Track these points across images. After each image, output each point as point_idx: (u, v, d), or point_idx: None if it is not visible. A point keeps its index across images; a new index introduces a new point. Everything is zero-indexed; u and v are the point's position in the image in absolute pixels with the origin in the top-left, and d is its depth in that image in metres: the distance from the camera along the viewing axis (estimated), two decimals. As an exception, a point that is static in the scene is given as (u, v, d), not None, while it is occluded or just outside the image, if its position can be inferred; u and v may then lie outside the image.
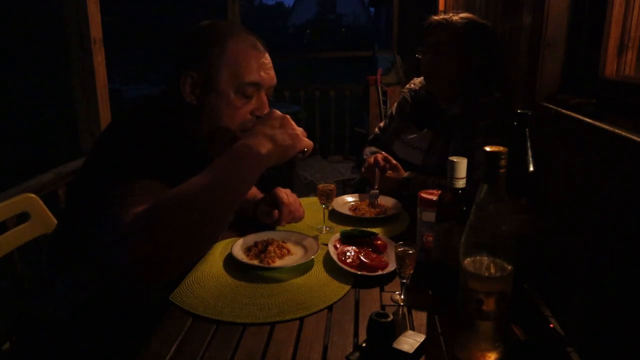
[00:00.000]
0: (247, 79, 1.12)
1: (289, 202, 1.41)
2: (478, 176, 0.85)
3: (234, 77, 1.11)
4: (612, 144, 1.06)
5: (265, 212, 1.44)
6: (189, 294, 1.11)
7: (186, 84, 1.11)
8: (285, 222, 1.42)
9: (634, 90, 1.22)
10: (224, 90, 1.11)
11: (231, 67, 1.10)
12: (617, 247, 1.05)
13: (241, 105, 1.12)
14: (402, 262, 1.06)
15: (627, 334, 1.00)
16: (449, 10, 3.06)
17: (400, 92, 1.99)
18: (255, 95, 1.15)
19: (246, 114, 1.14)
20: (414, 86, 1.90)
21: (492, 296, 0.83)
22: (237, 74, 1.11)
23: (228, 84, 1.11)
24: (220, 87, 1.11)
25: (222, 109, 1.11)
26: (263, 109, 1.15)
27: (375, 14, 25.92)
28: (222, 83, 1.10)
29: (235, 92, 1.12)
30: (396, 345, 0.89)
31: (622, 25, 1.31)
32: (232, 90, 1.11)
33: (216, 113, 1.12)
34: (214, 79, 1.10)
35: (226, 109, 1.11)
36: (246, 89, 1.12)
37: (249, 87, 1.12)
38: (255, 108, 1.15)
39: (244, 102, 1.13)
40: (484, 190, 0.82)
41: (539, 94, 1.53)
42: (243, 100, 1.13)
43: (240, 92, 1.12)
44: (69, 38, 2.30)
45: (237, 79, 1.11)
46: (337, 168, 4.83)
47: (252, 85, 1.13)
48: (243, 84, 1.11)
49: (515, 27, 1.78)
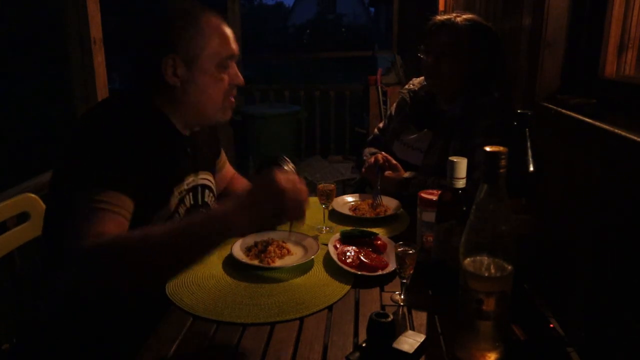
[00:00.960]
0: (226, 53, 1.17)
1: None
2: (478, 176, 0.85)
3: (215, 53, 1.15)
4: (612, 144, 1.06)
5: None
6: (189, 294, 1.11)
7: (168, 67, 1.13)
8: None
9: (634, 90, 1.22)
10: (208, 67, 1.15)
11: (210, 44, 1.15)
12: (617, 247, 1.05)
13: (222, 78, 1.18)
14: (402, 262, 1.06)
15: (627, 334, 1.00)
16: (449, 10, 3.06)
17: (399, 92, 1.98)
18: (231, 66, 1.20)
19: (227, 85, 1.20)
20: (413, 86, 1.90)
21: (492, 296, 0.83)
22: (216, 50, 1.15)
23: (210, 60, 1.15)
24: (203, 64, 1.15)
25: (209, 84, 1.17)
26: (238, 77, 1.21)
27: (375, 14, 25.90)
28: (205, 60, 1.14)
29: (216, 66, 1.16)
30: (396, 345, 0.89)
31: (622, 25, 1.31)
32: (214, 65, 1.16)
33: (203, 90, 1.17)
34: (196, 58, 1.14)
35: (212, 84, 1.17)
36: (226, 62, 1.17)
37: (227, 60, 1.18)
38: (232, 78, 1.21)
39: (224, 75, 1.18)
40: (484, 190, 0.82)
41: (539, 94, 1.53)
42: (223, 73, 1.18)
43: (221, 66, 1.17)
44: (69, 38, 2.30)
45: (217, 54, 1.16)
46: (337, 168, 4.83)
47: (229, 58, 1.18)
48: (223, 58, 1.16)
49: (515, 27, 1.78)
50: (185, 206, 1.23)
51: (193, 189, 1.26)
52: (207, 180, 1.34)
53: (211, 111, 1.20)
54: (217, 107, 1.20)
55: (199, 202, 1.28)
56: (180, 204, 1.21)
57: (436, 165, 1.64)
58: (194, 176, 1.27)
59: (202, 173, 1.31)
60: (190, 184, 1.25)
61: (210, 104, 1.19)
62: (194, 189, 1.27)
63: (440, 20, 1.68)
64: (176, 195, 1.20)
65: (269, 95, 5.42)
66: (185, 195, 1.23)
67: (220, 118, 1.23)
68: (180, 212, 1.21)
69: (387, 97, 4.49)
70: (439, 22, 1.68)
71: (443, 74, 1.67)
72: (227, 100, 1.21)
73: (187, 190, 1.24)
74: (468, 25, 1.63)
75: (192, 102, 1.18)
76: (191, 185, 1.25)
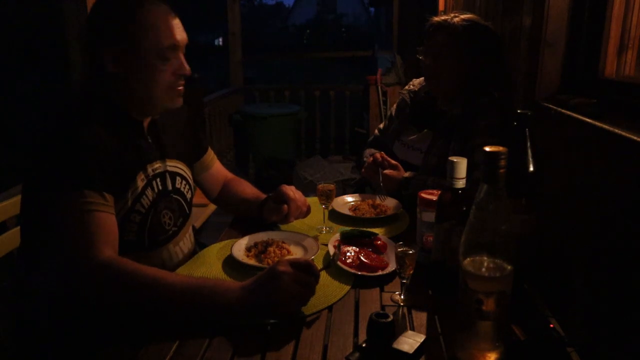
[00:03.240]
0: (167, 43, 1.18)
1: (296, 198, 1.45)
2: (478, 176, 0.85)
3: (153, 44, 1.17)
4: (612, 144, 1.06)
5: (273, 209, 1.45)
6: (189, 294, 1.11)
7: (109, 58, 1.17)
8: (293, 217, 1.45)
9: (634, 90, 1.22)
10: (145, 58, 1.17)
11: (149, 36, 1.16)
12: (617, 247, 1.05)
13: (163, 68, 1.19)
14: (402, 262, 1.06)
15: (627, 334, 1.00)
16: (449, 11, 3.06)
17: (399, 93, 1.98)
18: (174, 56, 1.21)
19: (170, 75, 1.21)
20: (413, 87, 1.90)
21: (492, 296, 0.83)
22: (155, 41, 1.17)
23: (148, 51, 1.17)
24: (142, 55, 1.17)
25: (147, 75, 1.19)
26: (183, 68, 1.22)
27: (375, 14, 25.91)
28: (143, 51, 1.17)
29: (155, 57, 1.18)
30: (396, 346, 0.89)
31: (622, 25, 1.31)
32: (152, 56, 1.17)
33: (142, 80, 1.19)
34: (135, 49, 1.16)
35: (151, 74, 1.18)
36: (165, 52, 1.18)
37: (167, 51, 1.19)
38: (177, 68, 1.22)
39: (165, 65, 1.19)
40: (484, 190, 0.82)
41: (539, 94, 1.53)
42: (164, 63, 1.19)
43: (160, 57, 1.18)
44: (69, 39, 2.30)
45: (156, 45, 1.17)
46: (337, 168, 4.83)
47: (170, 49, 1.19)
48: (162, 49, 1.18)
49: (515, 27, 1.78)
50: (153, 191, 1.24)
51: (161, 175, 1.28)
52: (178, 168, 1.36)
53: (155, 100, 1.22)
54: (160, 96, 1.21)
55: (168, 187, 1.30)
56: (147, 188, 1.23)
57: (436, 165, 1.64)
58: (160, 162, 1.29)
59: (172, 161, 1.33)
60: (157, 169, 1.27)
61: (154, 93, 1.20)
62: (162, 175, 1.29)
63: (438, 22, 1.67)
64: (140, 180, 1.21)
65: (269, 95, 5.43)
66: (152, 180, 1.25)
67: (168, 106, 1.25)
68: (147, 195, 1.22)
69: (387, 97, 4.49)
70: (436, 24, 1.67)
71: (442, 74, 1.67)
72: (173, 90, 1.23)
73: (154, 175, 1.26)
74: (465, 25, 1.63)
75: (136, 92, 1.20)
76: (158, 172, 1.27)
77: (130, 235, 1.19)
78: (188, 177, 1.40)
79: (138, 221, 1.20)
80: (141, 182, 1.21)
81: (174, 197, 1.31)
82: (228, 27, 5.37)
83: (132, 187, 1.19)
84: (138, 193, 1.20)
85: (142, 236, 1.22)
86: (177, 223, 1.32)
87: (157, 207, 1.24)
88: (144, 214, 1.21)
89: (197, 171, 1.51)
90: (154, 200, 1.24)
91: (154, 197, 1.24)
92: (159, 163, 1.28)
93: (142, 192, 1.21)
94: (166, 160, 1.31)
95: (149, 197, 1.22)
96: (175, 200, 1.32)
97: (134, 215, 1.19)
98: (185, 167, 1.39)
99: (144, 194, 1.21)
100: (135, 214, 1.19)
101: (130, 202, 1.18)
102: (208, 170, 1.56)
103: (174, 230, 1.31)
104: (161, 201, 1.26)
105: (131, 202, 1.18)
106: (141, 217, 1.20)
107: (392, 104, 2.01)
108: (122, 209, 1.17)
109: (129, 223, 1.19)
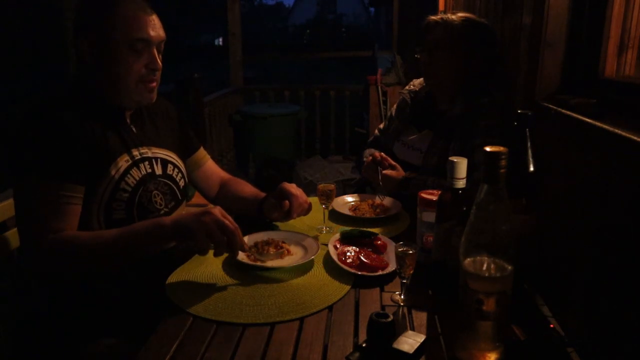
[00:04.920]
0: (136, 36, 1.23)
1: (298, 194, 1.44)
2: (478, 176, 0.85)
3: (125, 36, 1.23)
4: (612, 144, 1.06)
5: (274, 206, 1.45)
6: (189, 294, 1.11)
7: (84, 47, 1.25)
8: (296, 213, 1.43)
9: (634, 90, 1.22)
10: (117, 49, 1.23)
11: (121, 28, 1.22)
12: (617, 247, 1.05)
13: (133, 60, 1.24)
14: (402, 262, 1.06)
15: (627, 334, 1.00)
16: (449, 10, 3.06)
17: (399, 93, 1.98)
18: (146, 51, 1.26)
19: (140, 68, 1.26)
20: (414, 87, 1.90)
21: (492, 296, 0.83)
22: (126, 33, 1.23)
23: (120, 42, 1.23)
24: (113, 46, 1.23)
25: (117, 65, 1.24)
26: (155, 63, 1.28)
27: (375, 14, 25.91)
28: (115, 42, 1.23)
29: (127, 48, 1.23)
30: (396, 346, 0.89)
31: (622, 25, 1.31)
32: (124, 47, 1.23)
33: (113, 69, 1.25)
34: (107, 39, 1.23)
35: (121, 64, 1.24)
36: (136, 44, 1.24)
37: (138, 43, 1.24)
38: (148, 62, 1.27)
39: (135, 57, 1.25)
40: (484, 190, 0.82)
41: (539, 94, 1.53)
42: (135, 55, 1.24)
43: (131, 49, 1.24)
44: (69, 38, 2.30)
45: (127, 37, 1.23)
46: (337, 168, 4.83)
47: (141, 42, 1.24)
48: (133, 41, 1.23)
49: (515, 27, 1.78)
50: (140, 171, 1.29)
51: (149, 160, 1.33)
52: (169, 156, 1.40)
53: (125, 92, 1.27)
54: (132, 88, 1.26)
55: (156, 171, 1.34)
56: (132, 168, 1.28)
57: (436, 165, 1.64)
58: (146, 148, 1.34)
59: (161, 149, 1.38)
60: (144, 154, 1.32)
61: (123, 85, 1.26)
62: (150, 160, 1.33)
63: (434, 20, 1.68)
64: (124, 161, 1.27)
65: (269, 95, 5.42)
66: (140, 162, 1.30)
67: (139, 100, 1.29)
68: (133, 174, 1.27)
69: (387, 97, 4.48)
70: (432, 22, 1.69)
71: (439, 71, 1.67)
72: (144, 84, 1.27)
73: (142, 159, 1.31)
74: (462, 22, 1.64)
75: (109, 81, 1.26)
76: (145, 156, 1.32)
77: (120, 213, 1.24)
78: (180, 166, 1.44)
79: (125, 199, 1.25)
80: (125, 162, 1.26)
81: (163, 181, 1.35)
82: (228, 27, 5.36)
83: (114, 166, 1.24)
84: (122, 172, 1.25)
85: (131, 214, 1.26)
86: (168, 205, 1.36)
87: (146, 187, 1.29)
88: (130, 192, 1.26)
89: (190, 168, 1.54)
90: (141, 179, 1.28)
91: (140, 177, 1.28)
92: (145, 149, 1.33)
93: (127, 171, 1.26)
94: (153, 147, 1.36)
95: (134, 177, 1.27)
96: (166, 184, 1.36)
97: (119, 193, 1.24)
98: (177, 157, 1.43)
99: (129, 173, 1.27)
100: (121, 192, 1.24)
101: (116, 181, 1.24)
102: (200, 168, 1.57)
103: (166, 212, 1.34)
104: (150, 183, 1.30)
105: (116, 181, 1.24)
106: (128, 194, 1.26)
107: (392, 104, 2.01)
108: (108, 187, 1.23)
109: (116, 202, 1.24)
